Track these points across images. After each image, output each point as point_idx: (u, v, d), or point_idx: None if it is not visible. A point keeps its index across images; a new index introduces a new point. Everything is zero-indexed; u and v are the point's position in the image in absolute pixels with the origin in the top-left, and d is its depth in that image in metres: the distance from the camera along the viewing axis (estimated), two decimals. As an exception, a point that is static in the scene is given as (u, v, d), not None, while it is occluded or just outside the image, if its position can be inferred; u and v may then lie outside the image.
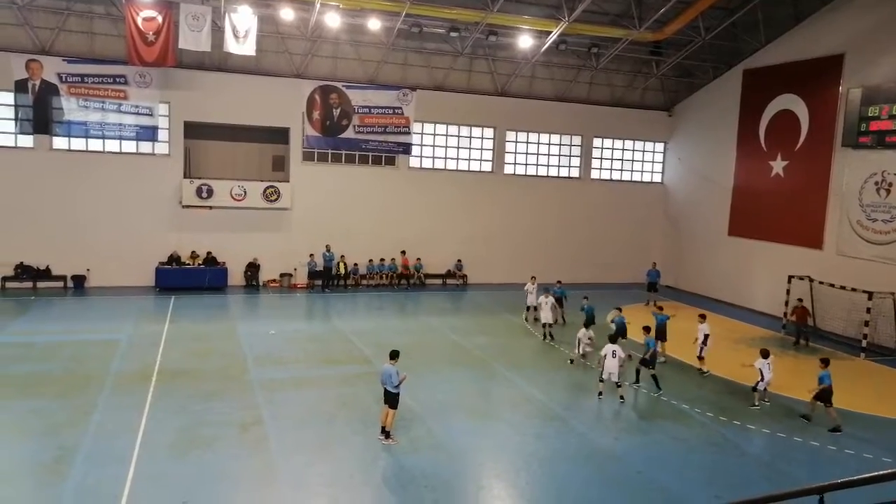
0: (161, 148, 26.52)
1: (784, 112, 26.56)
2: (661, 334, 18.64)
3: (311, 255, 27.90)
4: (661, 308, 20.29)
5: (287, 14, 24.00)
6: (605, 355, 15.56)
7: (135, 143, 26.14)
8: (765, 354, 15.72)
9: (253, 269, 27.71)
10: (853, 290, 21.59)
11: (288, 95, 27.30)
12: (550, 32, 25.95)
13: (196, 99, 26.31)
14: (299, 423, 13.51)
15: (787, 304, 23.67)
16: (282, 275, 28.25)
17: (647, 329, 17.17)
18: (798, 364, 19.81)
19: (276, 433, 12.90)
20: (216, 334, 20.20)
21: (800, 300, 22.42)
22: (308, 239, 27.97)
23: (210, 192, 26.51)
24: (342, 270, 28.28)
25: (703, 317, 18.75)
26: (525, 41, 26.65)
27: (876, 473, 6.03)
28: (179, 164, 26.76)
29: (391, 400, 12.62)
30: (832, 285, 22.52)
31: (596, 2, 24.34)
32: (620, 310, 19.87)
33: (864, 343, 21.09)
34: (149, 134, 25.93)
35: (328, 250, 27.95)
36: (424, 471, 11.60)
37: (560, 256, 31.72)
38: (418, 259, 29.69)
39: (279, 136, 28.24)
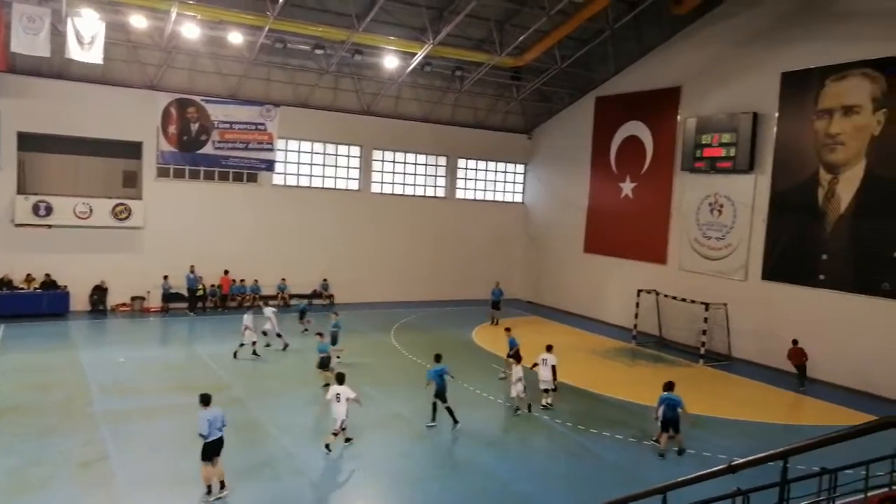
0: (-10, 160, 24.05)
1: (632, 137, 28.60)
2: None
3: (166, 276, 26.27)
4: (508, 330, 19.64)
5: (139, 21, 22.63)
6: (331, 400, 13.13)
7: (-42, 154, 23.53)
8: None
9: (100, 292, 25.65)
10: (692, 301, 23.53)
11: (140, 108, 25.65)
12: (416, 54, 26.37)
13: (33, 108, 24.09)
14: (149, 456, 12.60)
15: (636, 316, 25.37)
16: (133, 298, 26.37)
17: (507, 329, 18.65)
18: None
19: (123, 468, 11.93)
20: (55, 365, 18.41)
21: (795, 341, 20.38)
22: (163, 260, 26.29)
23: (49, 210, 24.29)
24: (201, 292, 26.87)
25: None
26: (391, 61, 26.86)
27: (709, 470, 6.55)
28: (12, 178, 24.29)
29: (217, 449, 11.05)
30: (675, 298, 24.41)
31: (460, 27, 25.02)
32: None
33: (702, 350, 22.98)
34: (-25, 145, 23.42)
35: (192, 271, 26.49)
36: (288, 498, 11.17)
37: (426, 274, 32.12)
38: (283, 279, 28.85)
39: (131, 150, 26.44)
